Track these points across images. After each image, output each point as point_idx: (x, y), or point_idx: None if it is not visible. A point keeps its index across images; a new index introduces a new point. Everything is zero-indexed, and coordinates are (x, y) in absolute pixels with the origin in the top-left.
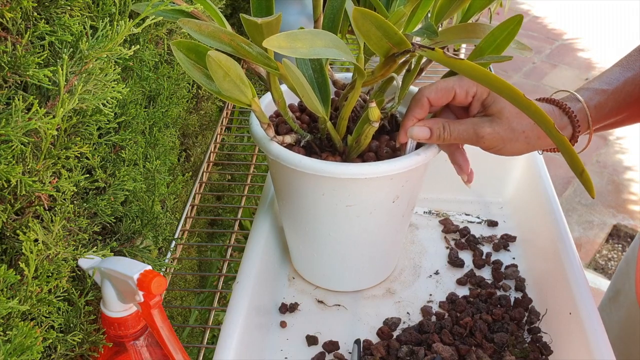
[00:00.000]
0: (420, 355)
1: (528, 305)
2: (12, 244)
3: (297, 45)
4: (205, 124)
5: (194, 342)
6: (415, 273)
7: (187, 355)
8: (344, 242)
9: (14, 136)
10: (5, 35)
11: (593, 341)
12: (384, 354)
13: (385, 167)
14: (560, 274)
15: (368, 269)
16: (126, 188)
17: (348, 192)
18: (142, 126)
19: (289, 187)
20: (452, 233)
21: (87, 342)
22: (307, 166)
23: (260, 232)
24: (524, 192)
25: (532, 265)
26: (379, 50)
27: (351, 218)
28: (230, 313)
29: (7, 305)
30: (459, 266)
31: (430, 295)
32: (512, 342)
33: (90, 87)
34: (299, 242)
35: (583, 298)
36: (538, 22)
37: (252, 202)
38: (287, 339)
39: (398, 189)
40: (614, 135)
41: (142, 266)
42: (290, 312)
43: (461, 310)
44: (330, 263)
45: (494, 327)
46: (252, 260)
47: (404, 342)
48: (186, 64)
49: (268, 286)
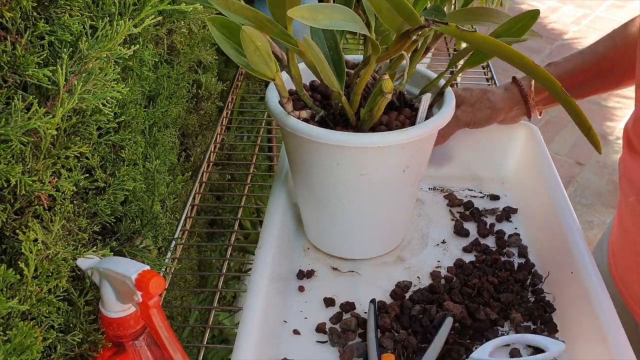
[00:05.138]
0: (432, 312)
1: (531, 269)
2: (12, 243)
3: (318, 17)
4: (205, 123)
5: (194, 341)
6: (423, 242)
7: (186, 355)
8: (356, 211)
9: (14, 136)
10: (5, 34)
11: (594, 296)
12: (398, 312)
13: (397, 137)
14: (560, 238)
15: (379, 237)
16: (126, 188)
17: (361, 161)
18: (141, 126)
19: (305, 159)
20: (456, 207)
21: (86, 342)
22: (323, 137)
23: (276, 205)
24: (523, 168)
25: (533, 233)
26: (391, 25)
27: (364, 187)
28: (255, 278)
29: (7, 305)
30: (464, 236)
31: (438, 261)
32: (517, 301)
33: (89, 86)
34: (314, 213)
35: (583, 258)
36: (538, 23)
37: (251, 202)
38: (305, 302)
39: (408, 158)
40: (614, 136)
41: (140, 266)
42: (307, 278)
43: (468, 274)
44: (343, 232)
45: (499, 288)
46: (271, 230)
47: (416, 301)
48: (219, 38)
49: (285, 256)
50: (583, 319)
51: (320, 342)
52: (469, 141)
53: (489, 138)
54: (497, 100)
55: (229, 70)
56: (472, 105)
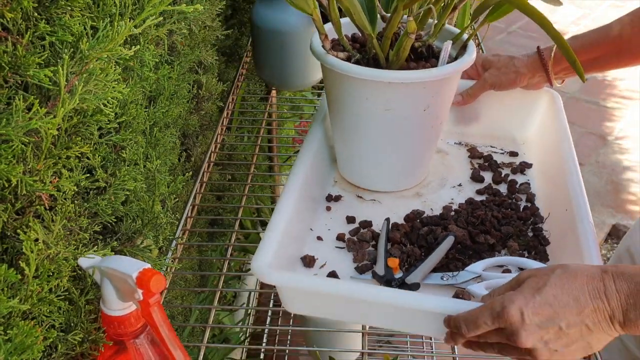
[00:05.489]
0: (437, 233)
1: (535, 211)
2: (13, 243)
3: None
4: (205, 124)
5: (194, 341)
6: (441, 184)
7: (186, 354)
8: (381, 146)
9: (15, 136)
10: (6, 35)
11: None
12: (408, 230)
13: (418, 74)
14: (562, 185)
15: (400, 173)
16: (127, 188)
17: (387, 97)
18: (142, 126)
19: (339, 95)
20: (477, 159)
21: (87, 341)
22: (354, 72)
23: (312, 140)
24: (543, 130)
25: (542, 185)
26: None
27: (388, 122)
28: (285, 191)
29: (8, 305)
30: (480, 181)
31: (452, 199)
32: (516, 233)
33: (90, 87)
34: (345, 147)
35: (577, 197)
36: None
37: (252, 202)
38: (330, 218)
39: (429, 98)
40: (613, 136)
41: (141, 264)
42: (335, 202)
43: (476, 208)
44: (369, 165)
45: (502, 222)
46: (305, 158)
47: (425, 224)
48: None
49: (317, 182)
50: (568, 247)
51: (339, 248)
52: (496, 103)
53: (515, 101)
54: (521, 66)
55: (230, 71)
56: (499, 70)
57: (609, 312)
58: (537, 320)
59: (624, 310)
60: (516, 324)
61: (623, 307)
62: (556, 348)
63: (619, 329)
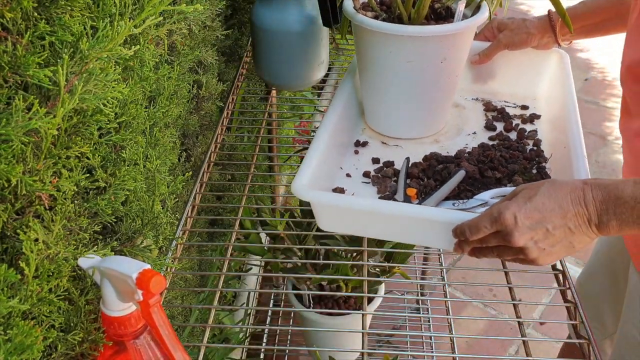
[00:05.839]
0: (451, 168)
1: (540, 153)
2: (13, 243)
3: None
4: (205, 124)
5: (194, 341)
6: (457, 132)
7: (186, 354)
8: (403, 96)
9: (15, 136)
10: (6, 35)
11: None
12: (425, 167)
13: (435, 29)
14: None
15: (421, 121)
16: (127, 188)
17: (408, 49)
18: (142, 126)
19: (367, 49)
20: (491, 111)
21: (87, 341)
22: (380, 26)
23: (342, 92)
24: (553, 86)
25: (549, 132)
26: None
27: (410, 74)
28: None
29: (8, 305)
30: (492, 130)
31: (466, 144)
32: (521, 170)
33: (90, 87)
34: (371, 98)
35: (574, 135)
36: None
37: (252, 202)
38: (358, 160)
39: (445, 50)
40: (613, 136)
41: (141, 265)
42: (362, 147)
43: (487, 150)
44: (392, 114)
45: (509, 160)
46: (335, 108)
47: (440, 162)
48: None
49: (346, 130)
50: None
51: (365, 183)
52: (510, 62)
53: (527, 60)
54: (532, 27)
55: (230, 71)
56: (512, 31)
57: (587, 216)
58: (528, 223)
59: (599, 214)
60: (510, 227)
61: (598, 212)
62: (544, 247)
63: (596, 230)
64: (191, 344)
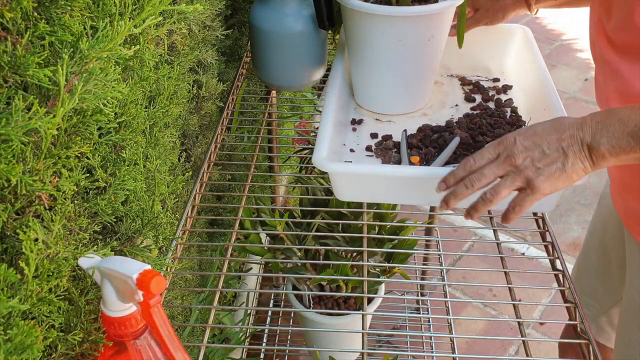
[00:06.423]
0: (445, 136)
1: (519, 118)
2: (13, 243)
3: None
4: (205, 124)
5: (194, 341)
6: (441, 105)
7: (187, 354)
8: (394, 73)
9: (14, 136)
10: (6, 35)
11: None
12: (422, 137)
13: (425, 8)
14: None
15: (409, 96)
16: (127, 188)
17: (398, 29)
18: (142, 126)
19: (359, 32)
20: (467, 85)
21: (87, 341)
22: (371, 8)
23: (336, 73)
24: (519, 58)
25: (523, 99)
26: None
27: (400, 52)
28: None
29: (8, 305)
30: (472, 101)
31: (452, 115)
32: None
33: (90, 87)
34: (362, 77)
35: (551, 97)
36: (537, 23)
37: (252, 202)
38: (357, 136)
39: (432, 29)
40: None
41: (141, 266)
42: (358, 124)
43: (473, 118)
44: (383, 91)
45: (494, 126)
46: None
47: (435, 131)
48: None
49: (343, 109)
50: None
51: (368, 156)
52: (480, 40)
53: (493, 37)
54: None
55: (230, 71)
56: (488, 10)
57: (581, 137)
58: (526, 143)
59: (593, 134)
60: (510, 146)
61: (592, 131)
62: (540, 166)
63: (587, 154)
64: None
